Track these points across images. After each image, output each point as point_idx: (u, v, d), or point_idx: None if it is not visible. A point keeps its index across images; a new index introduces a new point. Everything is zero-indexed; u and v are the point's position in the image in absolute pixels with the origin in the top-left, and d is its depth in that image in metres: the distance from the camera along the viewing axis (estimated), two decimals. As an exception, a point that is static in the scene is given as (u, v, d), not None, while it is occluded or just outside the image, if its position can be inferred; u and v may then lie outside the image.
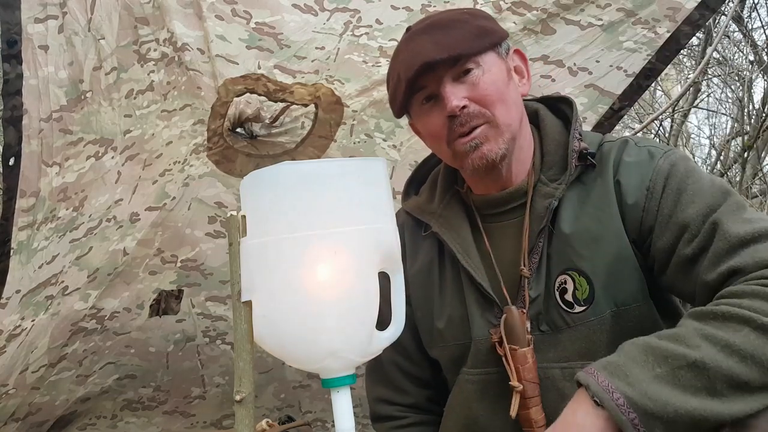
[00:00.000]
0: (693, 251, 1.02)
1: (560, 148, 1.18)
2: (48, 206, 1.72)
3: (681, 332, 0.93)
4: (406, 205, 1.34)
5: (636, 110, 5.29)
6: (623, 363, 0.92)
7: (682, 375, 0.88)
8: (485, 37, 1.14)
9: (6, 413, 2.06)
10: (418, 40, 1.14)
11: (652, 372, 0.89)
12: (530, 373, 1.10)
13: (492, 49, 1.15)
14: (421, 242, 1.29)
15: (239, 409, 0.91)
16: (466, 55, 1.11)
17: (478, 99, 1.12)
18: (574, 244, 1.12)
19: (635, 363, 0.91)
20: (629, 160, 1.13)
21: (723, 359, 0.88)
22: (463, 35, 1.12)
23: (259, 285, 0.91)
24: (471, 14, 1.18)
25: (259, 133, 2.15)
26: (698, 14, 1.83)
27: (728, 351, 0.88)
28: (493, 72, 1.14)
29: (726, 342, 0.89)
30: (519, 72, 1.22)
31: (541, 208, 1.15)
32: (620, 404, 0.88)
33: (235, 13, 1.74)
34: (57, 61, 1.57)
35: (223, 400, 2.50)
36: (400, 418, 1.34)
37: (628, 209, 1.10)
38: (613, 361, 0.93)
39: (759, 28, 4.82)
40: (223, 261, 2.22)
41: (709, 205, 1.03)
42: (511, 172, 1.19)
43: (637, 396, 0.88)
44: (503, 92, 1.14)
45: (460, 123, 1.12)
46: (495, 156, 1.13)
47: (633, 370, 0.90)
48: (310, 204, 0.90)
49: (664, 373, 0.89)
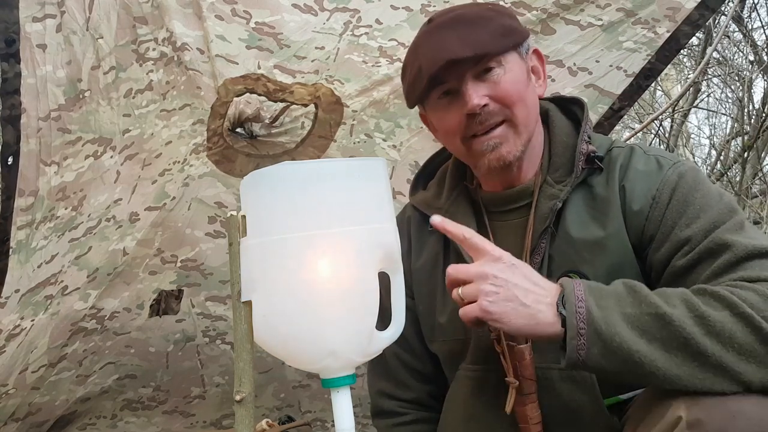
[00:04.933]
0: (687, 263, 1.03)
1: (568, 150, 1.18)
2: (47, 205, 1.72)
3: (668, 291, 0.96)
4: (414, 200, 1.34)
5: (636, 110, 5.29)
6: (605, 291, 0.97)
7: (645, 320, 0.92)
8: (509, 37, 1.14)
9: (6, 413, 2.06)
10: (442, 33, 1.13)
11: (622, 309, 0.94)
12: (527, 370, 1.10)
13: (514, 49, 1.15)
14: (427, 237, 1.29)
15: (239, 409, 0.91)
16: (490, 54, 1.11)
17: (499, 98, 1.12)
18: (576, 247, 1.12)
19: (615, 295, 0.96)
20: (637, 167, 1.13)
21: (690, 325, 0.90)
22: (489, 33, 1.11)
23: (259, 285, 0.91)
24: (496, 11, 1.17)
25: (259, 133, 2.15)
26: (698, 14, 1.83)
27: (698, 321, 0.90)
28: (514, 72, 1.14)
29: (701, 313, 0.91)
30: (536, 72, 1.22)
31: (546, 208, 1.15)
32: (580, 312, 0.93)
33: (235, 12, 1.74)
34: (55, 60, 1.57)
35: (222, 400, 2.50)
36: (402, 414, 1.35)
37: (631, 215, 1.10)
38: (598, 285, 0.98)
39: (759, 28, 4.83)
40: (223, 261, 2.22)
41: (713, 221, 1.03)
42: (521, 171, 1.20)
43: (598, 316, 0.93)
44: (523, 93, 1.14)
45: (479, 121, 1.13)
46: (513, 158, 1.14)
47: (609, 299, 0.95)
48: (310, 204, 0.90)
49: (632, 313, 0.93)
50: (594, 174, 1.16)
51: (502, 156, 1.13)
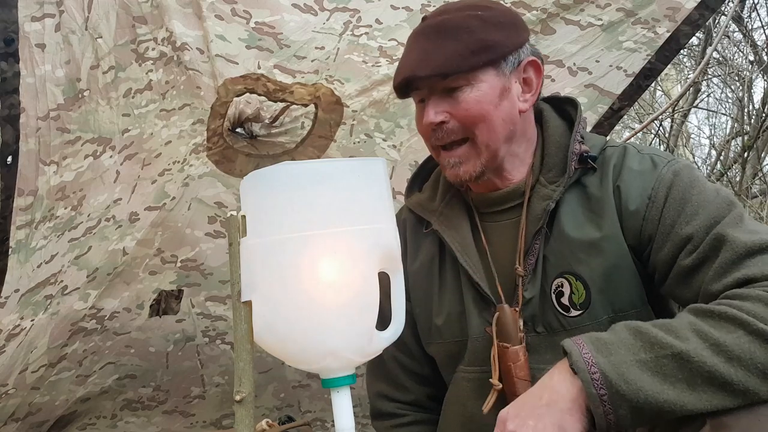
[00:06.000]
0: (693, 262, 1.02)
1: (561, 150, 1.18)
2: (46, 205, 1.71)
3: (674, 324, 0.94)
4: (409, 202, 1.34)
5: (636, 110, 5.29)
6: (611, 341, 0.93)
7: (664, 364, 0.89)
8: (483, 54, 1.10)
9: (6, 413, 2.06)
10: (419, 43, 1.14)
11: (636, 356, 0.91)
12: (522, 371, 1.10)
13: (491, 65, 1.12)
14: (423, 239, 1.29)
15: (239, 409, 0.91)
16: (453, 73, 1.10)
17: (459, 118, 1.13)
18: (571, 248, 1.12)
19: (622, 344, 0.92)
20: (631, 167, 1.12)
21: (709, 356, 0.88)
22: (458, 50, 1.09)
23: (259, 285, 0.91)
24: (484, 19, 1.12)
25: (259, 133, 2.15)
26: (698, 14, 1.83)
27: (716, 349, 0.89)
28: (482, 91, 1.12)
29: (716, 340, 0.89)
30: (528, 84, 1.17)
31: (539, 209, 1.15)
32: (595, 378, 0.90)
33: (235, 12, 1.74)
34: (54, 60, 1.57)
35: (222, 400, 2.50)
36: (401, 416, 1.35)
37: (627, 215, 1.10)
38: (601, 338, 0.95)
39: (759, 28, 4.82)
40: (223, 261, 2.22)
41: (713, 217, 1.03)
42: (502, 176, 1.20)
43: (614, 375, 0.89)
44: (488, 112, 1.12)
45: (437, 137, 1.15)
46: (469, 177, 1.15)
47: (618, 350, 0.92)
48: (310, 204, 0.90)
49: (648, 359, 0.90)
50: (588, 174, 1.15)
51: (459, 175, 1.15)
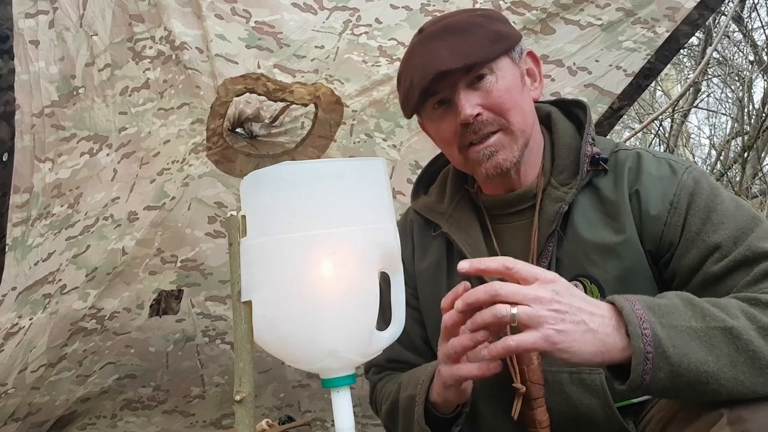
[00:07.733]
0: (722, 270, 1.02)
1: (572, 152, 1.18)
2: (42, 202, 1.71)
3: (723, 302, 0.93)
4: (416, 205, 1.34)
5: (636, 110, 5.30)
6: (663, 305, 0.92)
7: (714, 335, 0.88)
8: (500, 43, 1.13)
9: (6, 413, 2.06)
10: (433, 44, 1.13)
11: (688, 323, 0.89)
12: (535, 375, 1.09)
13: (506, 54, 1.14)
14: (431, 241, 1.29)
15: (239, 409, 0.91)
16: (480, 63, 1.10)
17: (492, 106, 1.12)
18: (586, 250, 1.12)
19: (675, 309, 0.91)
20: (650, 171, 1.12)
21: (756, 337, 0.88)
22: (479, 41, 1.11)
23: (259, 285, 0.91)
24: (486, 17, 1.16)
25: (259, 133, 2.15)
26: (697, 14, 1.83)
27: (762, 332, 0.89)
28: (507, 78, 1.13)
29: (763, 324, 0.89)
30: (531, 75, 1.21)
31: (551, 211, 1.14)
32: (646, 335, 0.87)
33: (235, 12, 1.74)
34: (48, 57, 1.56)
35: (222, 400, 2.50)
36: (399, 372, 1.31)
37: (648, 220, 1.10)
38: (655, 301, 0.93)
39: (759, 28, 4.83)
40: (223, 261, 2.22)
41: (740, 228, 1.03)
42: (520, 175, 1.20)
43: (664, 336, 0.87)
44: (517, 99, 1.14)
45: (473, 131, 1.13)
46: (509, 165, 1.14)
47: (671, 313, 0.90)
48: (310, 204, 0.90)
49: (699, 327, 0.89)
50: (599, 176, 1.15)
51: (498, 164, 1.13)
